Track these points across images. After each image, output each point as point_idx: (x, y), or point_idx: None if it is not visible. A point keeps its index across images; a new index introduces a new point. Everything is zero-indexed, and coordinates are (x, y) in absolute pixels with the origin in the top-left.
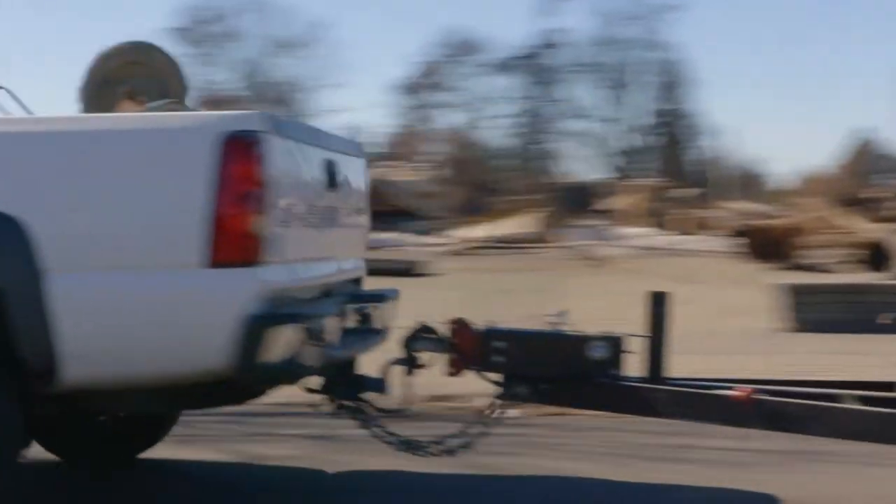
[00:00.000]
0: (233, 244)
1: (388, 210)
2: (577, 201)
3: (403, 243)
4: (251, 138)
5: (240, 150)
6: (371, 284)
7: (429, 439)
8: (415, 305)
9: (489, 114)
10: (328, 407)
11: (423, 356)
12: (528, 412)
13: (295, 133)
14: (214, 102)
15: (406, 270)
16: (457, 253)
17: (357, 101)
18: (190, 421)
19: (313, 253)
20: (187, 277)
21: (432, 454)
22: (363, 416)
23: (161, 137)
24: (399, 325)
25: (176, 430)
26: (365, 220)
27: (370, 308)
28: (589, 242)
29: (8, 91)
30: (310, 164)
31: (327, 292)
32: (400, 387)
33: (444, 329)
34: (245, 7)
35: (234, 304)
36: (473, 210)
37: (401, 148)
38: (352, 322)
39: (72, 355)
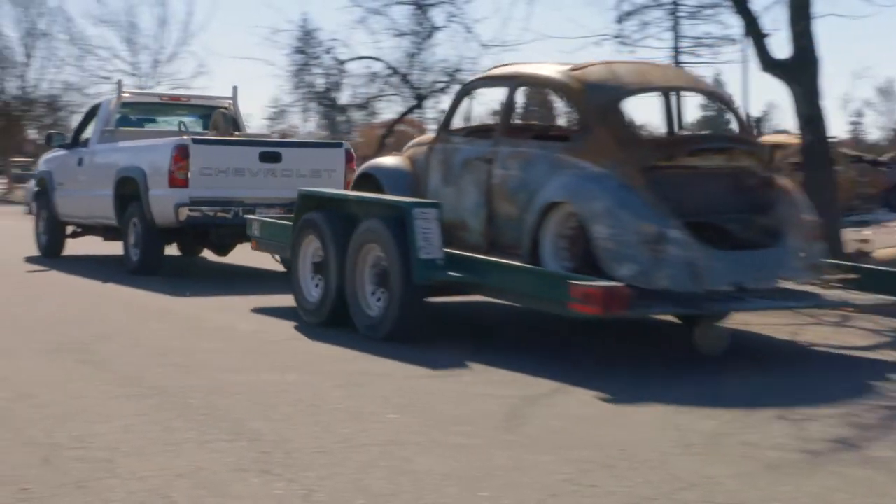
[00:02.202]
0: (174, 180)
1: None
2: None
3: None
4: (182, 146)
5: (177, 150)
6: None
7: None
8: None
9: None
10: None
11: None
12: None
13: (214, 143)
14: None
15: None
16: None
17: None
18: None
19: (233, 185)
20: (165, 189)
21: None
22: None
23: (168, 145)
24: None
25: None
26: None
27: None
28: None
29: (229, 108)
30: (234, 154)
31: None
32: None
33: None
34: None
35: (174, 199)
36: None
37: None
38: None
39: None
